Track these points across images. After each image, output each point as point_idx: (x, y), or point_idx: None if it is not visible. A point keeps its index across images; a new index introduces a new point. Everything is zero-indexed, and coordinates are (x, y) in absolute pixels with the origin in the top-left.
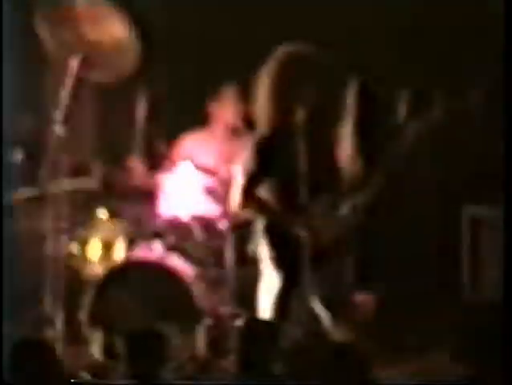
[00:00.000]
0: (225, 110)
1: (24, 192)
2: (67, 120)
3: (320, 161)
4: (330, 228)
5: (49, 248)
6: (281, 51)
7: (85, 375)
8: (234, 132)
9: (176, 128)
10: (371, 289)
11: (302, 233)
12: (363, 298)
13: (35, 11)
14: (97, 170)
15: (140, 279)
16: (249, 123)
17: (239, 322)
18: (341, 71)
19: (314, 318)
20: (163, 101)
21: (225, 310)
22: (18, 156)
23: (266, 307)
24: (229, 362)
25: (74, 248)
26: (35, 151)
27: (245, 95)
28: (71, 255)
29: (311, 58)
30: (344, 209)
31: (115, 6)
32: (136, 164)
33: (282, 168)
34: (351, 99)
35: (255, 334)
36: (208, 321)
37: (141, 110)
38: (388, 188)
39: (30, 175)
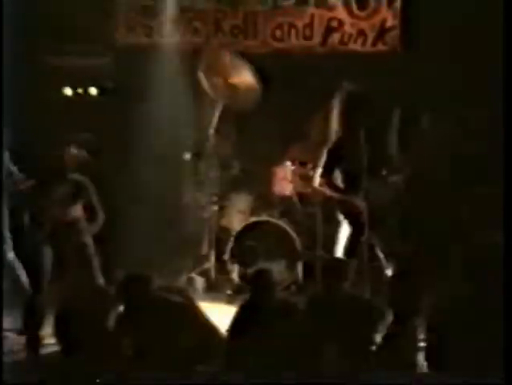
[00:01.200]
0: (313, 128)
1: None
2: (216, 133)
3: (375, 155)
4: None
5: (206, 213)
6: (345, 88)
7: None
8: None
9: (283, 138)
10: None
11: (362, 204)
12: None
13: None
14: (236, 165)
15: (262, 232)
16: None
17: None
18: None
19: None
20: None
21: (315, 252)
22: (187, 156)
23: (341, 250)
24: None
25: (221, 213)
26: (199, 153)
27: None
28: (220, 217)
29: (366, 94)
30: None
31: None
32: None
33: (349, 161)
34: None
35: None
36: (303, 259)
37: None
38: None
39: (194, 168)
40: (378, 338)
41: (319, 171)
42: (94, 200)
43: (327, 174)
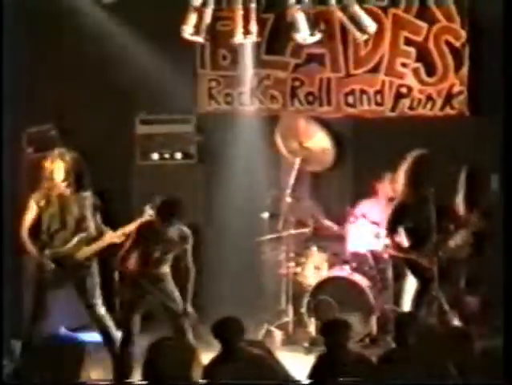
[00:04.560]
0: (383, 187)
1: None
2: (293, 193)
3: (443, 215)
4: (449, 254)
5: (283, 269)
6: (413, 153)
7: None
8: (390, 200)
9: (356, 198)
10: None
11: (427, 263)
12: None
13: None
14: (311, 223)
15: (336, 287)
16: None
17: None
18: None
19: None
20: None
21: (387, 306)
22: (265, 215)
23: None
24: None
25: (297, 269)
26: (275, 213)
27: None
28: (296, 273)
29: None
30: (457, 241)
31: (320, 126)
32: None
33: (415, 221)
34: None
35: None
36: (376, 313)
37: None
38: None
39: (272, 226)
40: None
41: (384, 232)
42: (188, 252)
43: (390, 234)
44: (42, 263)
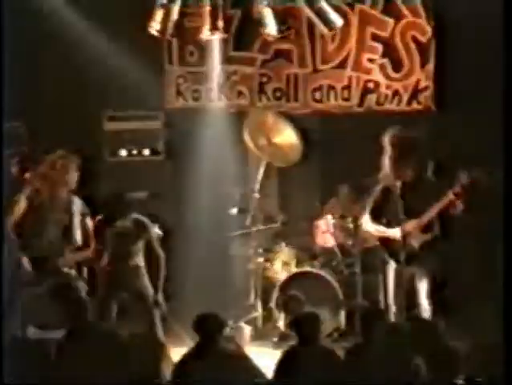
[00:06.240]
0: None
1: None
2: (261, 189)
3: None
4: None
5: (252, 265)
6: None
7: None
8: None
9: (324, 193)
10: None
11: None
12: None
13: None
14: (279, 218)
15: (305, 282)
16: None
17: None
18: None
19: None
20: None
21: (355, 301)
22: (233, 211)
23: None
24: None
25: (266, 264)
26: (244, 208)
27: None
28: (265, 269)
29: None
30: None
31: (288, 122)
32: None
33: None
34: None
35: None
36: (345, 307)
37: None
38: None
39: (241, 222)
40: None
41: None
42: (153, 241)
43: (373, 217)
44: (20, 262)
